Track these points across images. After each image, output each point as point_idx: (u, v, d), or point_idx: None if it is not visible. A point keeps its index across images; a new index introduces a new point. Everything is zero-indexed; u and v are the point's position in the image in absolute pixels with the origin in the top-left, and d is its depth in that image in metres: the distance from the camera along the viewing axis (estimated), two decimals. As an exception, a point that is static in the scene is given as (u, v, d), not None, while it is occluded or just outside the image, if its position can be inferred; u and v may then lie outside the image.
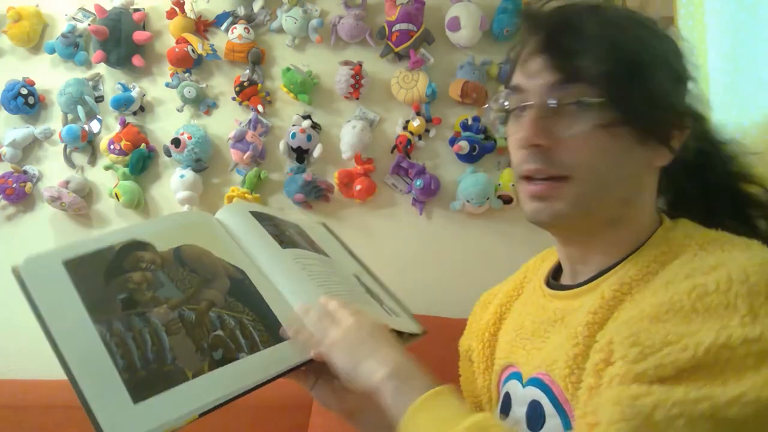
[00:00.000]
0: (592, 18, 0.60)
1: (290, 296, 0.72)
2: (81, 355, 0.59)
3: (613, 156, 0.59)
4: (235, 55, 1.73)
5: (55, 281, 0.65)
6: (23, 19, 1.74)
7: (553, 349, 0.62)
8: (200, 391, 0.60)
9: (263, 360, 0.65)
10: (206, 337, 0.65)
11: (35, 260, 0.67)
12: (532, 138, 0.59)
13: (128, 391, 0.58)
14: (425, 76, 1.70)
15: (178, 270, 0.70)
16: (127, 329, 0.62)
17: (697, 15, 1.05)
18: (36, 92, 1.77)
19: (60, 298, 0.63)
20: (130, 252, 0.70)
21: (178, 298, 0.67)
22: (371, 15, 1.74)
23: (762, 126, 0.92)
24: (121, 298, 0.65)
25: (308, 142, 1.68)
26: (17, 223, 1.79)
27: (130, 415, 0.56)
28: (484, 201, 1.66)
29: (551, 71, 0.59)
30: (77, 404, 0.58)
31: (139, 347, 0.61)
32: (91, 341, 0.60)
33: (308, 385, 0.72)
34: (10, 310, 1.74)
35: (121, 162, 1.73)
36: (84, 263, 0.67)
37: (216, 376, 0.62)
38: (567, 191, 0.59)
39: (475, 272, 1.68)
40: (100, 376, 0.58)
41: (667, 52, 0.61)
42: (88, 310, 0.63)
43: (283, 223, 0.84)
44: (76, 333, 0.61)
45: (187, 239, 0.73)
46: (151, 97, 1.79)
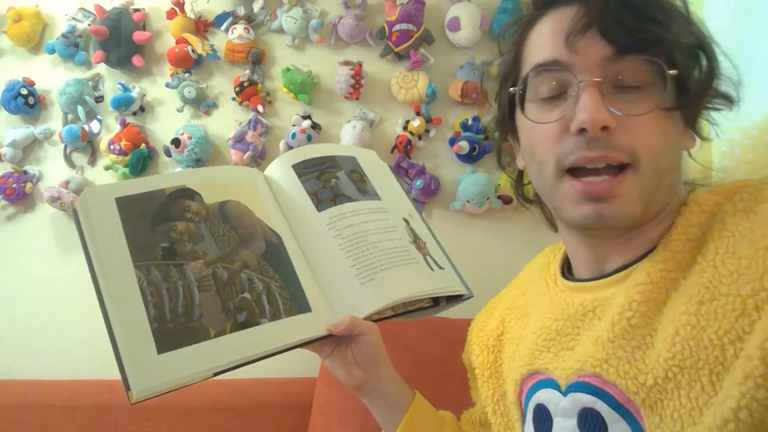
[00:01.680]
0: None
1: (317, 268, 0.73)
2: (118, 297, 0.61)
3: (671, 140, 0.53)
4: (235, 55, 1.73)
5: (105, 217, 0.66)
6: (23, 19, 1.75)
7: (592, 346, 0.55)
8: (220, 351, 0.62)
9: (282, 329, 0.67)
10: (233, 298, 0.66)
11: (92, 193, 0.68)
12: (601, 119, 0.50)
13: (155, 341, 0.60)
14: (425, 76, 1.70)
15: (219, 225, 0.71)
16: (163, 279, 0.64)
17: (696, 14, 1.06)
18: (36, 92, 1.77)
19: (107, 236, 0.65)
20: (179, 199, 0.71)
21: (215, 255, 0.68)
22: (371, 15, 1.74)
23: (762, 126, 0.92)
24: (163, 247, 0.67)
25: (308, 142, 1.68)
26: (17, 223, 1.78)
27: (153, 364, 0.58)
28: (484, 201, 1.66)
29: (606, 43, 0.51)
30: (77, 404, 0.59)
31: (171, 299, 0.63)
32: (128, 285, 0.62)
33: (323, 354, 0.73)
34: (10, 310, 1.74)
35: (121, 162, 1.73)
36: (135, 203, 0.69)
37: (236, 338, 0.63)
38: (631, 184, 0.52)
39: (475, 272, 1.67)
40: (133, 321, 0.60)
41: (703, 28, 0.56)
42: (131, 252, 0.64)
43: (331, 168, 0.82)
44: (117, 274, 0.63)
45: (233, 195, 0.75)
46: (151, 97, 1.79)
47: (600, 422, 0.53)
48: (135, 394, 0.56)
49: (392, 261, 0.74)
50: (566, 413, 0.56)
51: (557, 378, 0.59)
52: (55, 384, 1.59)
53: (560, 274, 0.66)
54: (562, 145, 0.53)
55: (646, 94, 0.52)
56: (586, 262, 0.62)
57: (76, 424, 1.49)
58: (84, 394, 1.54)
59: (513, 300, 0.77)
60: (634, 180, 0.52)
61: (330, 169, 0.82)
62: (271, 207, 0.76)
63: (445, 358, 1.24)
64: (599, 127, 0.50)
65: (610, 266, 0.59)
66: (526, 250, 0.79)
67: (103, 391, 1.53)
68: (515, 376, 0.66)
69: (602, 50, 0.51)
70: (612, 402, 0.52)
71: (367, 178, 0.84)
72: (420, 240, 0.80)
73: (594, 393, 0.53)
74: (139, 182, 0.71)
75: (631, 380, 0.50)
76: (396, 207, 0.83)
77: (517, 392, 0.66)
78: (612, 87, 0.52)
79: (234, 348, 0.63)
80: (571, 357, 0.57)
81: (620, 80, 0.52)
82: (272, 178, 0.81)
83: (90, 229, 0.65)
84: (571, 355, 0.57)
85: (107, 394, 1.52)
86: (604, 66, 0.51)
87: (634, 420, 0.50)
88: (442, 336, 1.26)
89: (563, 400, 0.57)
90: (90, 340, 1.68)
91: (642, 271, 0.53)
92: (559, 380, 0.59)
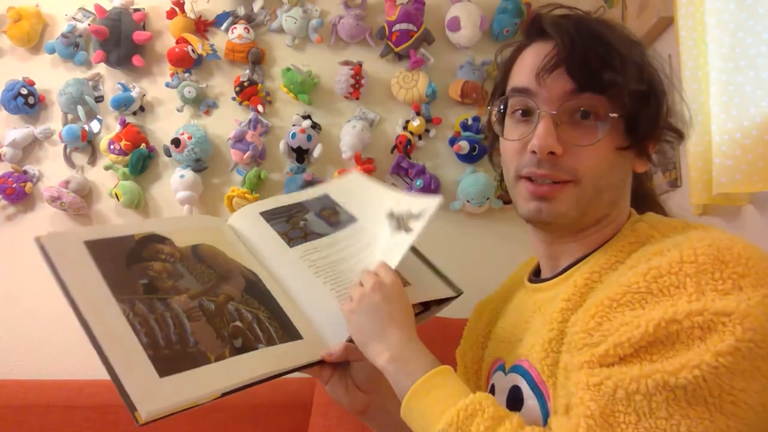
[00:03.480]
0: (610, 32, 0.62)
1: (299, 298, 0.73)
2: (107, 329, 0.61)
3: (613, 165, 0.63)
4: (235, 55, 1.73)
5: (77, 257, 0.66)
6: (23, 19, 1.75)
7: (531, 337, 0.65)
8: (224, 372, 0.62)
9: (281, 353, 0.67)
10: (226, 326, 0.66)
11: (58, 236, 0.68)
12: (549, 146, 0.60)
13: (154, 366, 0.59)
14: (425, 76, 1.70)
15: (196, 264, 0.71)
16: (149, 311, 0.64)
17: (697, 15, 1.05)
18: (36, 92, 1.77)
19: (84, 274, 0.65)
20: (150, 243, 0.71)
21: (198, 289, 0.68)
22: (371, 15, 1.74)
23: (762, 126, 0.92)
24: (143, 283, 0.66)
25: (308, 142, 1.68)
26: (17, 223, 1.78)
27: (158, 388, 0.58)
28: (484, 201, 1.66)
29: (569, 80, 0.60)
30: (77, 404, 0.59)
31: (161, 328, 0.63)
32: (115, 317, 0.62)
33: (324, 379, 0.74)
34: (10, 310, 1.74)
35: (121, 162, 1.73)
36: (104, 246, 0.68)
37: (237, 361, 0.63)
38: (570, 193, 0.62)
39: (474, 272, 1.67)
40: (126, 350, 0.60)
41: (661, 73, 0.65)
42: (110, 288, 0.64)
43: (299, 213, 0.84)
44: (101, 308, 0.62)
45: (203, 239, 0.75)
46: (151, 97, 1.79)
47: (519, 397, 0.63)
48: (143, 415, 0.56)
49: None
50: (502, 390, 0.68)
51: (506, 362, 0.70)
52: (55, 384, 1.59)
53: (528, 277, 0.75)
54: (521, 158, 0.64)
55: (594, 128, 0.61)
56: (545, 260, 0.71)
57: (76, 424, 1.49)
58: (84, 394, 1.54)
59: (501, 299, 0.81)
60: (573, 191, 0.62)
61: (298, 213, 0.84)
62: (240, 249, 0.77)
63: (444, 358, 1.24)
64: (546, 152, 0.61)
65: (562, 264, 0.68)
66: (526, 250, 0.79)
67: (103, 391, 1.53)
68: (485, 364, 0.77)
69: (563, 86, 0.61)
70: (531, 382, 0.62)
71: (340, 209, 0.85)
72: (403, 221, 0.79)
73: (522, 374, 0.64)
74: (106, 228, 0.71)
75: (547, 366, 0.60)
76: (376, 214, 0.83)
77: (486, 376, 0.76)
78: (568, 118, 0.61)
79: (238, 369, 0.63)
80: (519, 346, 0.67)
81: (575, 114, 0.61)
82: (236, 226, 0.81)
83: (66, 270, 0.64)
84: (519, 344, 0.68)
85: (107, 394, 1.51)
86: (563, 100, 0.61)
87: (543, 400, 0.60)
88: (442, 336, 1.26)
89: (504, 379, 0.68)
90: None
91: (576, 277, 0.63)
92: (506, 364, 0.69)
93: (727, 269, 0.51)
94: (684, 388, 0.47)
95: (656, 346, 0.49)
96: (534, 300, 0.70)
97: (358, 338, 0.67)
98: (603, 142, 0.61)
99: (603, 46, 0.60)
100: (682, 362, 0.47)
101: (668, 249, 0.55)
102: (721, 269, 0.51)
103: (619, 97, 0.60)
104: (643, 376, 0.48)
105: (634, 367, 0.49)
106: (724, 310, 0.48)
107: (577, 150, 0.61)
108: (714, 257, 0.51)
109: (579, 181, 0.62)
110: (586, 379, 0.51)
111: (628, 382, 0.48)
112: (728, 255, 0.51)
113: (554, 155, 0.61)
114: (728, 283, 0.50)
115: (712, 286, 0.50)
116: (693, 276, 0.51)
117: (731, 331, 0.47)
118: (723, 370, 0.46)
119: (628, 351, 0.50)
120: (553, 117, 0.61)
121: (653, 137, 0.64)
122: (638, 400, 0.48)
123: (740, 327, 0.47)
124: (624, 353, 0.50)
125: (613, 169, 0.63)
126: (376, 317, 0.66)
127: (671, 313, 0.49)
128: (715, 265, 0.51)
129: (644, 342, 0.49)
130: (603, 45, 0.60)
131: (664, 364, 0.48)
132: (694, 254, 0.52)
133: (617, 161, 0.63)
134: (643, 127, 0.62)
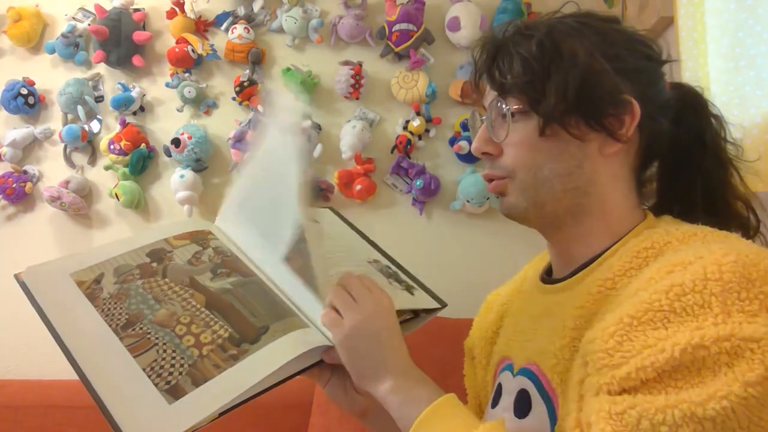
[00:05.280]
0: (513, 36, 0.65)
1: (294, 299, 0.72)
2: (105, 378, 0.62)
3: (547, 153, 0.64)
4: (235, 55, 1.73)
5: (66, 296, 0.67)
6: (23, 19, 1.75)
7: (542, 341, 0.64)
8: (228, 384, 0.61)
9: (273, 351, 0.65)
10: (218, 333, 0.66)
11: (40, 270, 0.69)
12: (478, 148, 0.67)
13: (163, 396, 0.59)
14: (425, 76, 1.70)
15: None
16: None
17: (697, 15, 1.05)
18: (36, 92, 1.77)
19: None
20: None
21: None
22: (371, 15, 1.74)
23: (762, 126, 0.92)
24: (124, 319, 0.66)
25: (308, 142, 1.68)
26: (17, 223, 1.79)
27: (167, 417, 0.59)
28: (484, 201, 1.66)
29: (491, 89, 0.67)
30: (77, 404, 0.59)
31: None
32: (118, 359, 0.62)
33: (322, 382, 0.73)
34: (10, 310, 1.74)
35: (121, 162, 1.73)
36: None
37: (238, 370, 0.62)
38: (512, 187, 0.66)
39: (475, 272, 1.68)
40: (130, 396, 0.61)
41: (593, 47, 0.62)
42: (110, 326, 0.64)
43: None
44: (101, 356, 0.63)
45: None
46: (151, 97, 1.79)
47: (528, 402, 0.63)
48: None
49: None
50: (510, 392, 0.67)
51: (514, 363, 0.69)
52: (55, 384, 1.59)
53: (539, 277, 0.74)
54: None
55: (516, 123, 0.64)
56: (554, 258, 0.72)
57: (76, 424, 1.49)
58: (84, 394, 1.53)
59: (509, 295, 0.81)
60: (512, 184, 0.65)
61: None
62: (231, 249, 0.77)
63: (445, 358, 1.24)
64: (479, 154, 0.68)
65: (567, 270, 0.67)
66: (526, 250, 0.79)
67: (103, 391, 1.53)
68: (493, 361, 0.77)
69: (490, 94, 0.67)
70: (540, 388, 0.62)
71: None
72: (390, 273, 0.79)
73: (531, 378, 0.64)
74: (90, 254, 0.72)
75: (558, 374, 0.59)
76: (356, 253, 0.82)
77: (494, 373, 0.75)
78: (500, 119, 0.65)
79: (239, 378, 0.62)
80: (528, 348, 0.67)
81: (500, 115, 0.65)
82: (223, 228, 0.80)
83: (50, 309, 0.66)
84: (528, 346, 0.67)
85: (107, 394, 1.52)
86: (489, 105, 0.67)
87: (552, 407, 0.59)
88: (442, 336, 1.26)
89: (512, 381, 0.68)
90: (90, 340, 1.68)
91: (588, 282, 0.62)
92: (514, 365, 0.69)
93: (754, 288, 0.49)
94: (713, 420, 0.45)
95: (681, 371, 0.48)
96: (545, 301, 0.69)
97: (351, 368, 0.64)
98: (522, 134, 0.64)
99: (500, 52, 0.65)
100: (709, 392, 0.45)
101: (690, 261, 0.52)
102: (748, 288, 0.49)
103: (513, 90, 0.63)
104: (669, 407, 0.46)
105: (659, 395, 0.47)
106: (752, 336, 0.46)
107: (506, 147, 0.65)
108: (740, 275, 0.49)
109: (514, 175, 0.65)
110: (609, 407, 0.48)
111: (654, 413, 0.46)
112: (755, 272, 0.49)
113: (492, 155, 0.66)
114: (755, 304, 0.48)
115: (739, 307, 0.48)
116: (718, 295, 0.49)
117: (760, 360, 0.45)
118: (753, 401, 0.44)
119: (651, 375, 0.48)
120: (486, 122, 0.67)
121: (570, 112, 0.61)
122: (664, 431, 0.46)
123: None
124: (647, 377, 0.48)
125: (546, 156, 0.63)
126: (371, 344, 0.63)
127: (698, 338, 0.47)
128: (741, 284, 0.49)
129: (668, 367, 0.47)
130: (496, 48, 0.65)
131: (690, 393, 0.46)
132: (719, 271, 0.49)
133: (548, 146, 0.63)
134: (547, 107, 0.61)
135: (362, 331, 0.63)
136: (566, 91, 0.61)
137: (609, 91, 0.61)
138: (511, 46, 0.64)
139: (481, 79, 0.68)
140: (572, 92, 0.60)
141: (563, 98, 0.61)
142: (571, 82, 0.61)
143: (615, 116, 0.62)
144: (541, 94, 0.61)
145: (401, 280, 0.79)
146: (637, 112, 0.62)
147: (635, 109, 0.62)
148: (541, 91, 0.61)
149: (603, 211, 0.65)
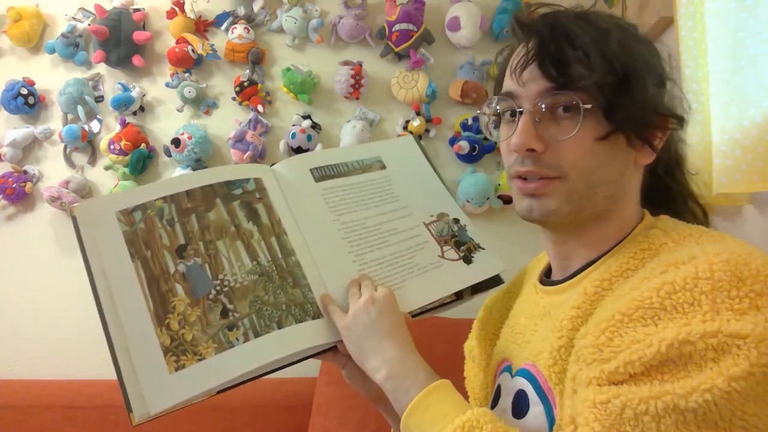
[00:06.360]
0: (582, 26, 0.61)
1: (321, 265, 0.73)
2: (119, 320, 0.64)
3: (602, 158, 0.62)
4: (235, 55, 1.73)
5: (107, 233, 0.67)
6: (23, 19, 1.75)
7: (540, 341, 0.65)
8: (233, 362, 0.63)
9: (296, 333, 0.68)
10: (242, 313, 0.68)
11: (89, 205, 0.70)
12: (526, 143, 0.61)
13: (165, 359, 0.62)
14: (425, 76, 1.70)
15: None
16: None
17: (697, 15, 1.05)
18: (36, 92, 1.77)
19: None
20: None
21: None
22: (371, 15, 1.74)
23: (762, 126, 0.92)
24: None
25: (308, 142, 1.68)
26: (17, 223, 1.78)
27: (169, 384, 0.61)
28: (484, 201, 1.66)
29: (544, 78, 0.61)
30: (77, 404, 0.59)
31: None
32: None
33: (340, 364, 0.75)
34: (10, 309, 1.74)
35: (121, 162, 1.73)
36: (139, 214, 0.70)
37: (249, 347, 0.65)
38: (559, 189, 0.62)
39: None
40: (137, 346, 0.63)
41: (650, 57, 0.64)
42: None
43: (345, 173, 0.83)
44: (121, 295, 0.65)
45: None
46: (151, 97, 1.79)
47: (525, 402, 0.63)
48: (136, 417, 0.58)
49: (408, 270, 0.76)
50: (508, 392, 0.67)
51: (513, 364, 0.70)
52: (55, 384, 1.59)
53: (538, 278, 0.74)
54: (510, 158, 0.66)
55: (571, 122, 0.60)
56: (555, 260, 0.71)
57: (76, 424, 1.49)
58: (84, 394, 1.54)
59: (508, 297, 0.82)
60: (562, 186, 0.62)
61: (345, 182, 0.82)
62: (278, 197, 0.76)
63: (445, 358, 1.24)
64: (523, 150, 0.62)
65: (572, 266, 0.68)
66: (526, 250, 0.80)
67: (103, 391, 1.53)
68: (493, 362, 0.77)
69: (538, 84, 0.62)
70: (538, 388, 0.62)
71: (389, 182, 0.84)
72: (443, 235, 0.80)
73: (528, 378, 0.64)
74: (138, 192, 0.72)
75: (555, 374, 0.59)
76: (415, 208, 0.83)
77: (494, 375, 0.76)
78: (550, 114, 0.61)
79: (248, 356, 0.64)
80: (526, 348, 0.67)
81: (556, 110, 0.61)
82: (282, 172, 0.80)
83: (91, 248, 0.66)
84: (527, 347, 0.67)
85: (107, 394, 1.52)
86: (540, 97, 0.61)
87: (549, 407, 0.60)
88: (442, 336, 1.26)
89: (510, 382, 0.68)
90: (90, 340, 1.68)
91: (586, 283, 0.62)
92: (513, 366, 0.69)
93: (744, 287, 0.49)
94: (694, 412, 0.45)
95: (668, 365, 0.48)
96: (544, 303, 0.70)
97: (354, 355, 0.67)
98: (582, 134, 0.60)
99: (569, 40, 0.60)
100: (693, 385, 0.46)
101: (683, 262, 0.53)
102: (738, 287, 0.49)
103: (591, 88, 0.59)
104: (652, 397, 0.47)
105: (643, 386, 0.48)
106: (739, 332, 0.46)
107: (558, 145, 0.61)
108: (731, 274, 0.49)
109: (566, 177, 0.61)
110: (594, 396, 0.50)
111: (637, 403, 0.47)
112: (746, 271, 0.49)
113: (535, 152, 0.62)
114: (745, 302, 0.48)
115: (728, 305, 0.48)
116: (708, 293, 0.49)
117: (746, 355, 0.45)
118: (735, 395, 0.45)
119: (639, 370, 0.49)
120: (532, 114, 0.62)
121: (640, 123, 0.62)
122: (647, 421, 0.47)
123: (755, 351, 0.45)
124: (634, 371, 0.49)
125: (600, 161, 0.61)
126: (371, 333, 0.66)
127: (685, 334, 0.47)
128: (731, 283, 0.49)
129: (656, 361, 0.48)
130: (569, 39, 0.60)
131: (674, 386, 0.47)
132: (710, 270, 0.50)
133: (603, 152, 0.61)
134: (622, 114, 0.60)
135: (357, 320, 0.67)
136: (645, 102, 0.60)
137: (662, 104, 0.63)
138: (586, 38, 0.60)
139: (540, 65, 0.61)
140: (649, 104, 0.61)
141: (641, 108, 0.60)
142: (650, 93, 0.61)
143: (656, 128, 0.63)
144: (618, 99, 0.59)
145: (464, 240, 0.80)
146: (671, 126, 0.64)
147: (670, 123, 0.63)
148: (620, 96, 0.59)
149: (623, 217, 0.66)
